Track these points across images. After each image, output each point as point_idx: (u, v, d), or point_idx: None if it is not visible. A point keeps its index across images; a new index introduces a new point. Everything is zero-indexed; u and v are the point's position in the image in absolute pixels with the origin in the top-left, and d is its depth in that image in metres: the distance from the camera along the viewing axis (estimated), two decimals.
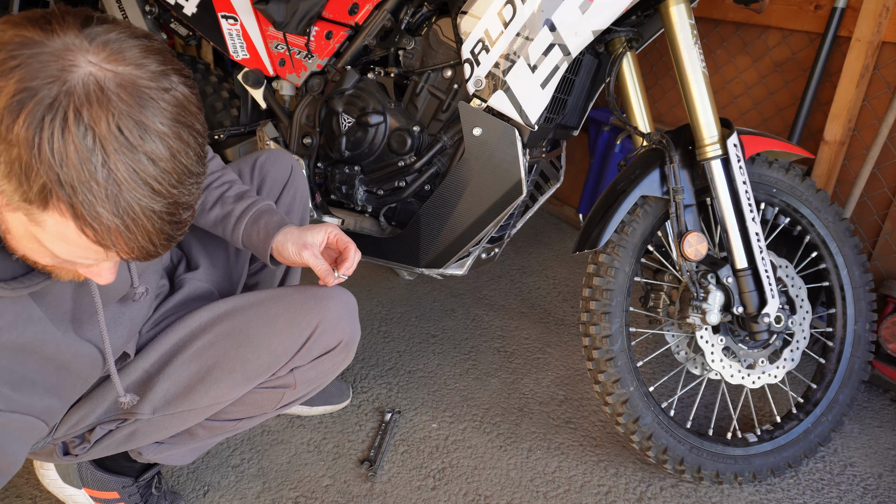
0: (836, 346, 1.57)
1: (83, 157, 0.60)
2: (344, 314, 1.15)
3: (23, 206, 0.64)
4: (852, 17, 1.86)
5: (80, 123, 0.60)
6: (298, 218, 1.42)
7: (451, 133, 1.58)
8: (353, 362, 1.88)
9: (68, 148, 0.60)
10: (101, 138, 0.61)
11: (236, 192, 1.22)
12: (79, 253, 0.68)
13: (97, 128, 0.61)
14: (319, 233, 1.16)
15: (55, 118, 0.59)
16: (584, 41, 1.36)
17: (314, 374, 1.18)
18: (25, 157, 0.60)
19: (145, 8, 1.91)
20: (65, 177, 0.61)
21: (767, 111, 2.20)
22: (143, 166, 0.63)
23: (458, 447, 1.59)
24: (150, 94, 0.64)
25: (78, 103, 0.60)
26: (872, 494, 1.51)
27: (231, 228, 1.19)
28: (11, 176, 0.61)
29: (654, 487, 1.50)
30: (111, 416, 1.10)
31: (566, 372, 1.90)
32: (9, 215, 0.68)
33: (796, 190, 1.53)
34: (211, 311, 1.13)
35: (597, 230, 1.42)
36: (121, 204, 0.63)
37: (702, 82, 1.41)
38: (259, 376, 1.12)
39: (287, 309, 1.13)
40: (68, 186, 0.61)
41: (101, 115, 0.61)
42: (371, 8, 1.60)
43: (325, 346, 1.15)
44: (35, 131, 0.59)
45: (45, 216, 0.64)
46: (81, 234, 0.65)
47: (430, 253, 1.61)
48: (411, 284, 2.34)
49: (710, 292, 1.42)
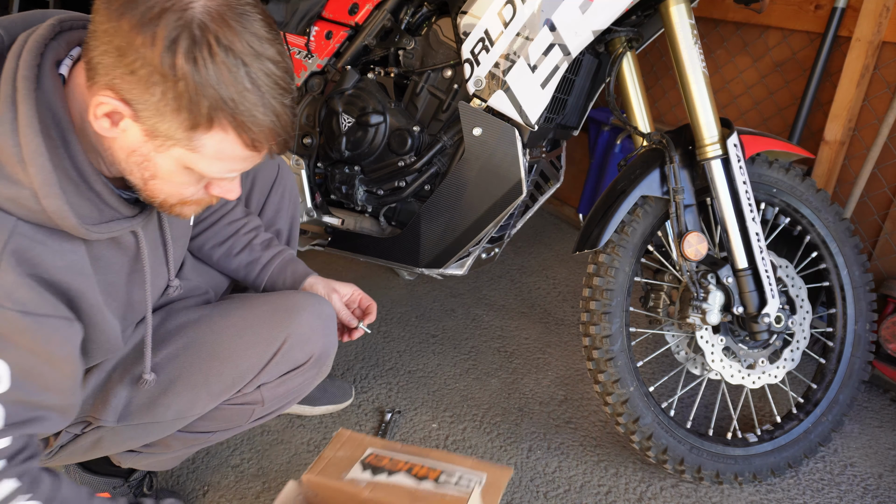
0: (837, 346, 1.56)
1: (234, 73, 0.72)
2: (317, 327, 1.11)
3: (183, 139, 0.75)
4: (852, 17, 1.86)
5: (221, 47, 0.71)
6: (289, 216, 1.40)
7: (451, 133, 1.58)
8: (354, 362, 1.88)
9: (220, 69, 0.71)
10: (239, 54, 0.72)
11: (263, 239, 1.28)
12: (230, 166, 0.80)
13: (233, 47, 0.72)
14: (348, 286, 1.27)
15: (202, 48, 0.70)
16: (584, 41, 1.36)
17: (283, 391, 1.14)
18: (192, 86, 0.71)
19: None
20: (224, 93, 0.72)
21: (767, 111, 2.20)
22: (271, 69, 0.75)
23: (458, 447, 1.59)
24: (246, 10, 0.75)
25: (212, 32, 0.71)
26: (873, 494, 1.51)
27: (256, 274, 1.25)
28: (181, 109, 0.72)
29: (654, 487, 1.50)
30: (79, 418, 1.06)
31: (566, 372, 1.90)
32: (159, 158, 0.78)
33: (796, 190, 1.53)
34: (177, 320, 1.10)
35: (597, 230, 1.42)
36: (267, 104, 0.75)
37: (702, 82, 1.41)
38: (223, 392, 1.09)
39: (254, 322, 1.09)
40: (229, 101, 0.73)
41: (231, 35, 0.72)
42: (371, 8, 1.60)
43: (293, 362, 1.11)
44: (190, 63, 0.70)
45: (207, 138, 0.75)
46: (239, 142, 0.76)
47: (430, 253, 1.61)
48: (411, 284, 2.34)
49: (710, 292, 1.42)
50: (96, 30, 0.73)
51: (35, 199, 0.75)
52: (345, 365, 1.86)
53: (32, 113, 0.74)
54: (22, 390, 0.79)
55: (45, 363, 0.81)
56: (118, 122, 0.76)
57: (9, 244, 0.75)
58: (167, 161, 0.78)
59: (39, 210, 0.76)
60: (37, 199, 0.75)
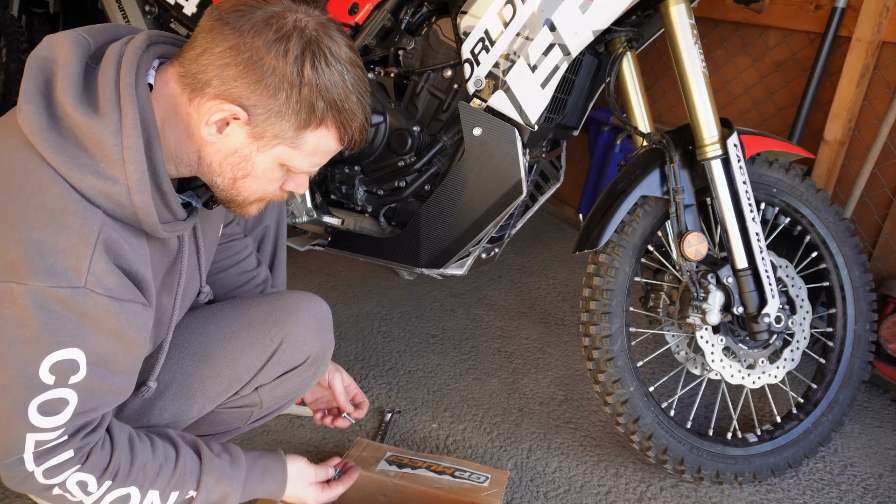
0: (837, 346, 1.56)
1: (343, 78, 0.85)
2: (313, 327, 1.13)
3: (291, 137, 0.86)
4: (852, 17, 1.86)
5: (333, 56, 0.84)
6: (275, 212, 1.40)
7: (451, 133, 1.58)
8: (353, 362, 1.88)
9: (334, 76, 0.85)
10: (344, 63, 0.86)
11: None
12: (318, 160, 0.92)
13: (340, 55, 0.85)
14: (348, 376, 1.35)
15: (320, 58, 0.83)
16: (584, 41, 1.36)
17: (281, 392, 1.14)
18: (314, 90, 0.84)
19: (145, 8, 1.91)
20: (335, 96, 0.85)
21: (767, 111, 2.20)
22: (360, 74, 0.89)
23: (458, 447, 1.59)
24: (332, 26, 0.87)
25: (325, 45, 0.84)
26: (873, 494, 1.51)
27: None
28: (301, 110, 0.84)
29: (654, 487, 1.50)
30: None
31: (566, 372, 1.90)
32: (259, 157, 0.88)
33: (796, 190, 1.53)
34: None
35: (597, 230, 1.42)
36: (361, 105, 0.89)
37: (702, 82, 1.41)
38: (220, 395, 1.09)
39: (249, 323, 1.10)
40: (339, 102, 0.86)
41: (335, 46, 0.85)
42: (371, 8, 1.60)
43: (290, 363, 1.11)
44: (312, 72, 0.83)
45: (311, 135, 0.87)
46: (336, 137, 0.89)
47: (430, 253, 1.61)
48: (411, 284, 2.34)
49: (710, 292, 1.42)
50: (210, 48, 0.82)
51: (127, 195, 0.81)
52: (345, 365, 1.86)
53: (136, 115, 0.81)
54: (96, 376, 0.84)
55: (121, 347, 0.86)
56: (223, 128, 0.86)
57: (101, 234, 0.80)
58: (266, 159, 0.89)
59: (128, 205, 0.82)
60: (129, 195, 0.81)
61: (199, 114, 0.85)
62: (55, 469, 0.86)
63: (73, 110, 0.79)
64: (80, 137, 0.80)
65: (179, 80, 0.85)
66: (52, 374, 0.80)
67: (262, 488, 1.08)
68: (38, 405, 0.81)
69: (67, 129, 0.80)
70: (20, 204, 0.78)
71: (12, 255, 0.77)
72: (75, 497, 0.90)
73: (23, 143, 0.80)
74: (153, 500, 0.95)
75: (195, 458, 1.00)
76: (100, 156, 0.80)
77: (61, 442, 0.85)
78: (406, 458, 1.36)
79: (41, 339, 0.79)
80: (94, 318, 0.81)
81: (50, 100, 0.80)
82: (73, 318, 0.79)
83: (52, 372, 0.80)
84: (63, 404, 0.83)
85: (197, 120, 0.85)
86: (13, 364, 0.79)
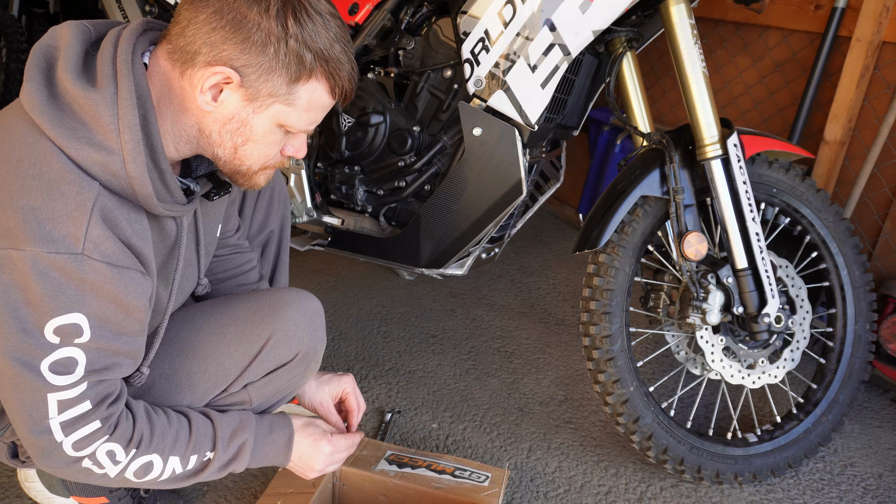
0: (837, 346, 1.56)
1: (325, 30, 0.88)
2: (302, 323, 1.11)
3: (284, 93, 0.88)
4: (852, 17, 1.86)
5: (313, 8, 0.87)
6: (279, 216, 1.40)
7: (451, 133, 1.58)
8: (354, 362, 1.88)
9: (317, 27, 0.87)
10: (324, 15, 0.88)
11: None
12: (314, 117, 0.94)
13: (320, 9, 0.88)
14: (347, 377, 1.31)
15: (302, 11, 0.85)
16: (584, 41, 1.36)
17: (271, 390, 1.13)
18: (301, 41, 0.86)
19: (145, 7, 1.91)
20: (321, 46, 0.87)
21: (767, 111, 2.20)
22: (341, 24, 0.91)
23: (458, 447, 1.59)
24: None
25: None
26: (873, 494, 1.51)
27: None
28: (290, 63, 0.86)
29: (654, 487, 1.50)
30: None
31: (566, 372, 1.90)
32: (256, 119, 0.90)
33: (796, 190, 1.53)
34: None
35: (597, 230, 1.42)
36: (345, 54, 0.91)
37: (702, 82, 1.41)
38: (208, 392, 1.08)
39: (237, 318, 1.09)
40: (325, 51, 0.88)
41: (315, 1, 0.87)
42: (371, 8, 1.60)
43: (279, 359, 1.10)
44: (296, 24, 0.85)
45: (303, 89, 0.89)
46: (327, 89, 0.91)
47: (430, 253, 1.61)
48: (411, 284, 2.34)
49: (710, 292, 1.42)
50: (195, 18, 0.84)
51: (122, 164, 0.83)
52: (345, 365, 1.86)
53: (131, 89, 0.83)
54: (101, 338, 0.87)
55: (122, 311, 0.88)
56: (217, 95, 0.88)
57: (97, 202, 0.82)
58: (263, 120, 0.91)
59: (123, 175, 0.84)
60: (123, 165, 0.83)
61: (193, 84, 0.87)
62: (85, 441, 0.89)
63: (71, 85, 0.82)
64: (78, 110, 0.83)
65: (169, 57, 0.87)
66: (56, 335, 0.83)
67: (270, 448, 1.10)
68: (49, 365, 0.84)
69: (66, 105, 0.83)
70: (18, 174, 0.81)
71: (10, 221, 0.80)
72: (103, 468, 0.93)
73: (24, 119, 0.83)
74: (174, 466, 0.99)
75: (207, 421, 1.04)
76: (97, 127, 0.83)
77: (87, 411, 0.88)
78: (406, 457, 1.37)
79: (43, 304, 0.82)
80: (92, 284, 0.83)
81: (51, 79, 0.84)
82: (72, 285, 0.82)
83: (57, 333, 0.83)
84: (73, 363, 0.85)
85: (191, 91, 0.87)
86: (19, 327, 0.82)
